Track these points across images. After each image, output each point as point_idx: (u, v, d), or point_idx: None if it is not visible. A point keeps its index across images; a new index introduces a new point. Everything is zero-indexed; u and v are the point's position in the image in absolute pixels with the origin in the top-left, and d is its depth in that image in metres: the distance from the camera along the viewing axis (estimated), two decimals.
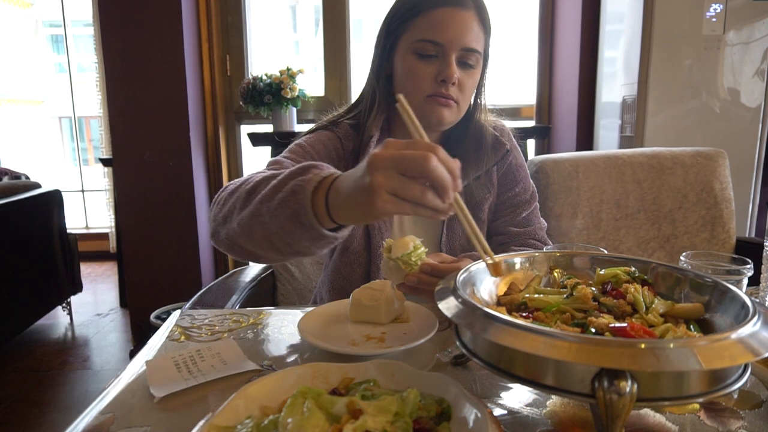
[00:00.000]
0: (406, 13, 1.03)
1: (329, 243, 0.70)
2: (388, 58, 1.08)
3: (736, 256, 0.81)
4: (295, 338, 0.82)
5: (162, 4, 2.56)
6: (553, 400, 0.63)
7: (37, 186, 2.99)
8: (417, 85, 1.02)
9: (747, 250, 1.64)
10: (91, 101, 3.71)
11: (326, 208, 0.65)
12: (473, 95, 1.09)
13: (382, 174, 0.55)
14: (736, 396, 0.64)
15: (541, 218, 1.24)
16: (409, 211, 0.57)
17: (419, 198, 0.56)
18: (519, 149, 1.22)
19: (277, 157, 1.02)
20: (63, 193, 3.12)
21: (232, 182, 0.83)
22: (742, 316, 0.53)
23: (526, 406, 0.63)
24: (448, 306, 0.56)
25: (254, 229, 0.73)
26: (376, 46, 1.10)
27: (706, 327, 0.60)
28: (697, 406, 0.61)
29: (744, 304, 0.54)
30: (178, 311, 0.95)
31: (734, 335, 0.46)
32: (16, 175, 3.23)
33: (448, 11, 0.99)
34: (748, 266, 0.78)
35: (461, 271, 0.65)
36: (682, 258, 0.82)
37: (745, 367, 0.50)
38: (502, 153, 1.14)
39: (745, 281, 0.78)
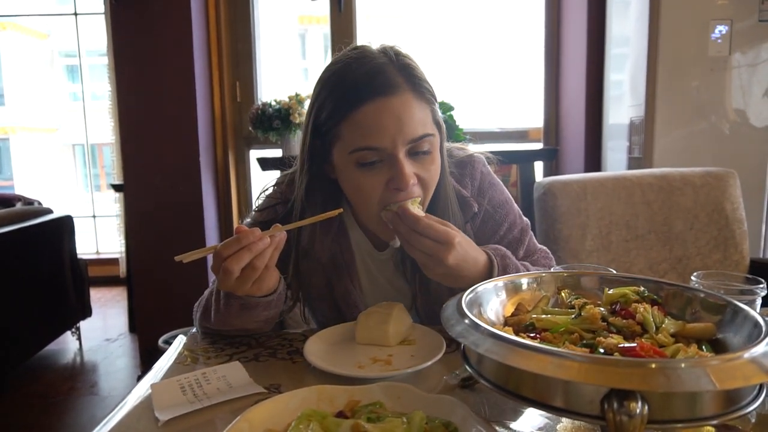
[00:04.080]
0: (331, 118, 0.87)
1: (276, 303, 0.90)
2: (326, 157, 0.92)
3: (749, 276, 0.79)
4: (302, 361, 0.81)
5: (173, 33, 2.62)
6: (564, 424, 0.62)
7: (49, 212, 3.02)
8: (368, 199, 0.88)
9: (762, 270, 1.60)
10: (104, 128, 3.77)
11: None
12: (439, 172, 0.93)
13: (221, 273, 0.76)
14: (754, 420, 0.62)
15: (538, 244, 1.10)
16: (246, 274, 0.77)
17: (233, 268, 0.74)
18: (495, 184, 1.05)
19: None
20: (74, 219, 3.15)
21: (197, 306, 0.99)
22: (755, 336, 0.51)
23: (537, 429, 0.61)
24: (455, 327, 0.55)
25: (228, 327, 0.92)
26: (306, 135, 0.93)
27: (718, 347, 0.58)
28: (712, 429, 0.59)
29: (757, 324, 0.53)
30: (185, 334, 0.95)
31: (747, 355, 0.45)
32: (29, 201, 3.28)
33: (378, 105, 0.82)
34: (762, 286, 0.76)
35: (467, 292, 0.64)
36: (693, 278, 0.81)
37: (761, 387, 0.49)
38: (469, 215, 1.01)
39: (759, 301, 0.77)
